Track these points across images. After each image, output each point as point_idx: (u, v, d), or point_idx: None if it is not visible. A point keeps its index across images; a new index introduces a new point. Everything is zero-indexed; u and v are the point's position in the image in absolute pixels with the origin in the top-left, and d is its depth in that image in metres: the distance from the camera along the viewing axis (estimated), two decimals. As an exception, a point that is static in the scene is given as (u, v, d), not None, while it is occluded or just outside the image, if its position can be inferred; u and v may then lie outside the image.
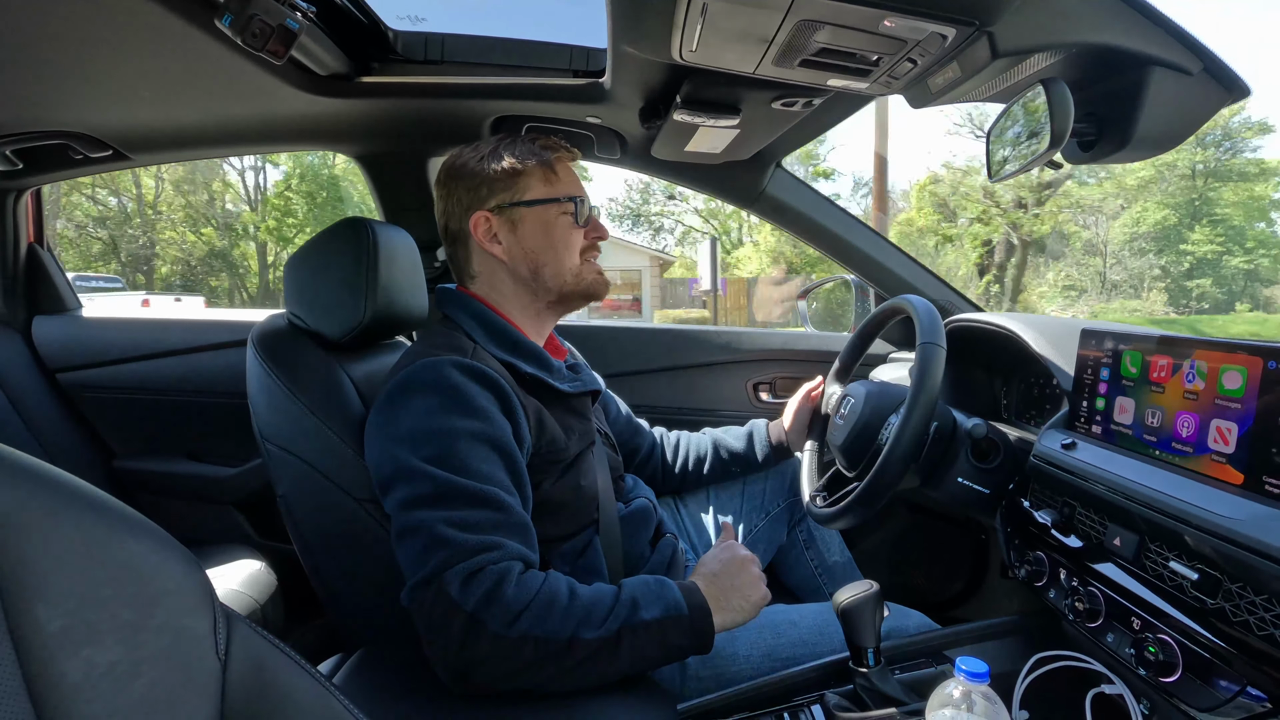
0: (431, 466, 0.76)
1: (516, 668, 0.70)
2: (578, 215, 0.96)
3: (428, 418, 0.79)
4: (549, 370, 0.94)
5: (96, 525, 0.37)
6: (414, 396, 0.81)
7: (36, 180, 1.65)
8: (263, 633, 0.44)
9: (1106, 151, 0.87)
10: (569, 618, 0.71)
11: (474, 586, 0.69)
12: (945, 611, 1.49)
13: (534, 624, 0.69)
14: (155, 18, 0.88)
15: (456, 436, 0.78)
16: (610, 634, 0.72)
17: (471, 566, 0.70)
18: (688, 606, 0.78)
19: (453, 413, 0.79)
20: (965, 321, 1.24)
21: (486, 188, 0.94)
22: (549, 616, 0.70)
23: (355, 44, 1.16)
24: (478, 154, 0.96)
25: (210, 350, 1.65)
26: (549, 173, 0.95)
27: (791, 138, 1.29)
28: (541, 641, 0.69)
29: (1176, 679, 0.66)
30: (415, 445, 0.78)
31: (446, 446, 0.77)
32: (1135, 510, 0.73)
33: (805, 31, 0.75)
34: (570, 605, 0.72)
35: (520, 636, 0.69)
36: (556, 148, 0.97)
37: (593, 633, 0.72)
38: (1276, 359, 0.62)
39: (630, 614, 0.74)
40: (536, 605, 0.70)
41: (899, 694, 0.77)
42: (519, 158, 0.94)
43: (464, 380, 0.81)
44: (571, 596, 0.73)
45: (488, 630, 0.68)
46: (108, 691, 0.34)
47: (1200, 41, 0.75)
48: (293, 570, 1.11)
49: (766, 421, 1.28)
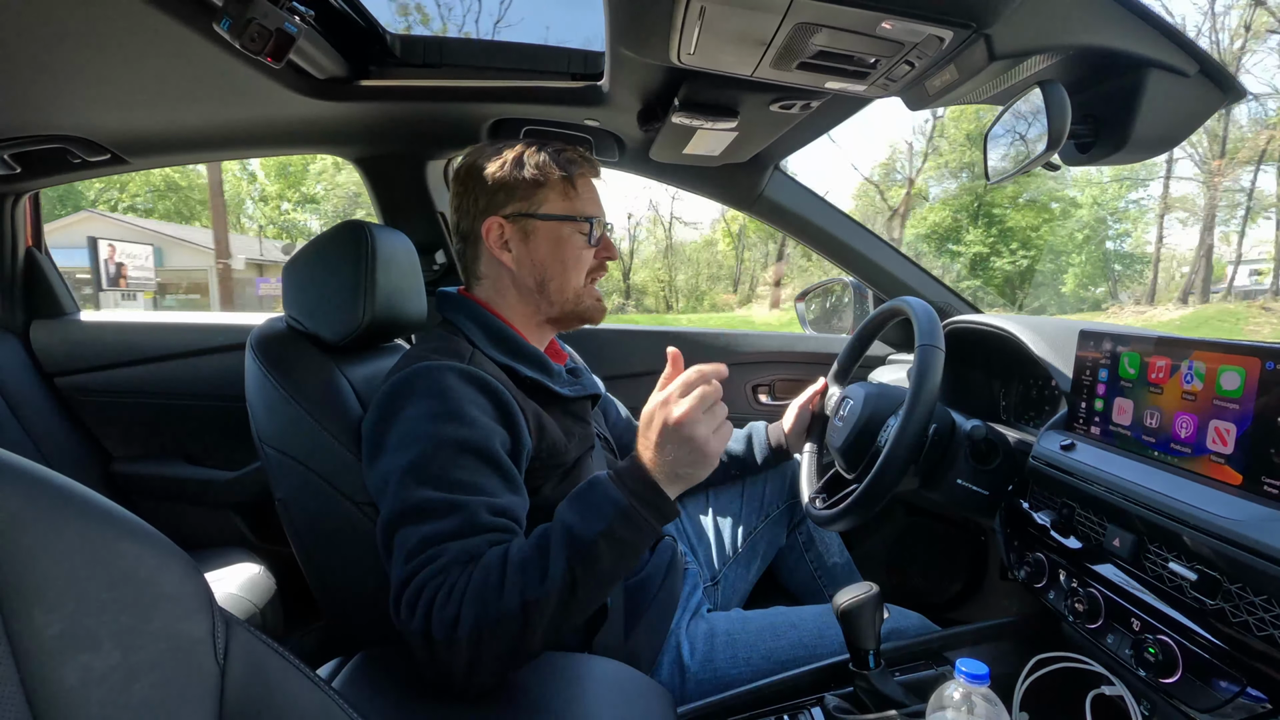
0: (407, 478, 0.74)
1: (495, 655, 0.66)
2: (590, 235, 0.96)
3: (415, 424, 0.78)
4: (549, 374, 0.94)
5: (94, 530, 0.37)
6: (405, 402, 0.81)
7: (34, 184, 1.65)
8: (261, 637, 0.44)
9: (1104, 153, 0.88)
10: (509, 588, 0.66)
11: (416, 607, 0.67)
12: (945, 613, 1.49)
13: (479, 615, 0.65)
14: (153, 21, 0.88)
15: (440, 444, 0.76)
16: (561, 575, 0.67)
17: (412, 589, 0.68)
18: (628, 497, 0.70)
19: (440, 419, 0.78)
20: (964, 323, 1.24)
21: (505, 194, 0.93)
22: (488, 599, 0.66)
23: (353, 47, 1.17)
24: (501, 158, 0.94)
25: (208, 354, 1.65)
26: (569, 187, 0.95)
27: (790, 140, 1.29)
28: (496, 624, 0.65)
29: (1176, 680, 0.66)
30: (399, 452, 0.77)
31: (426, 455, 0.75)
32: (1134, 511, 0.73)
33: (803, 34, 0.75)
34: (505, 575, 0.67)
35: (472, 633, 0.65)
36: (580, 162, 0.96)
37: (542, 587, 0.66)
38: (1274, 359, 0.62)
39: (571, 544, 0.68)
40: (471, 596, 0.66)
41: (899, 696, 0.77)
42: (541, 169, 0.93)
43: (458, 385, 0.81)
44: (504, 565, 0.68)
45: (438, 642, 0.65)
46: (105, 696, 0.34)
47: (1196, 44, 0.76)
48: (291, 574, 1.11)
49: (765, 424, 1.28)
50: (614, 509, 0.70)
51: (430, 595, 0.66)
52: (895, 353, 1.64)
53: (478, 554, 0.70)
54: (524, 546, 0.70)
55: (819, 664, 0.88)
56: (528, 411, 0.86)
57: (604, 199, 1.02)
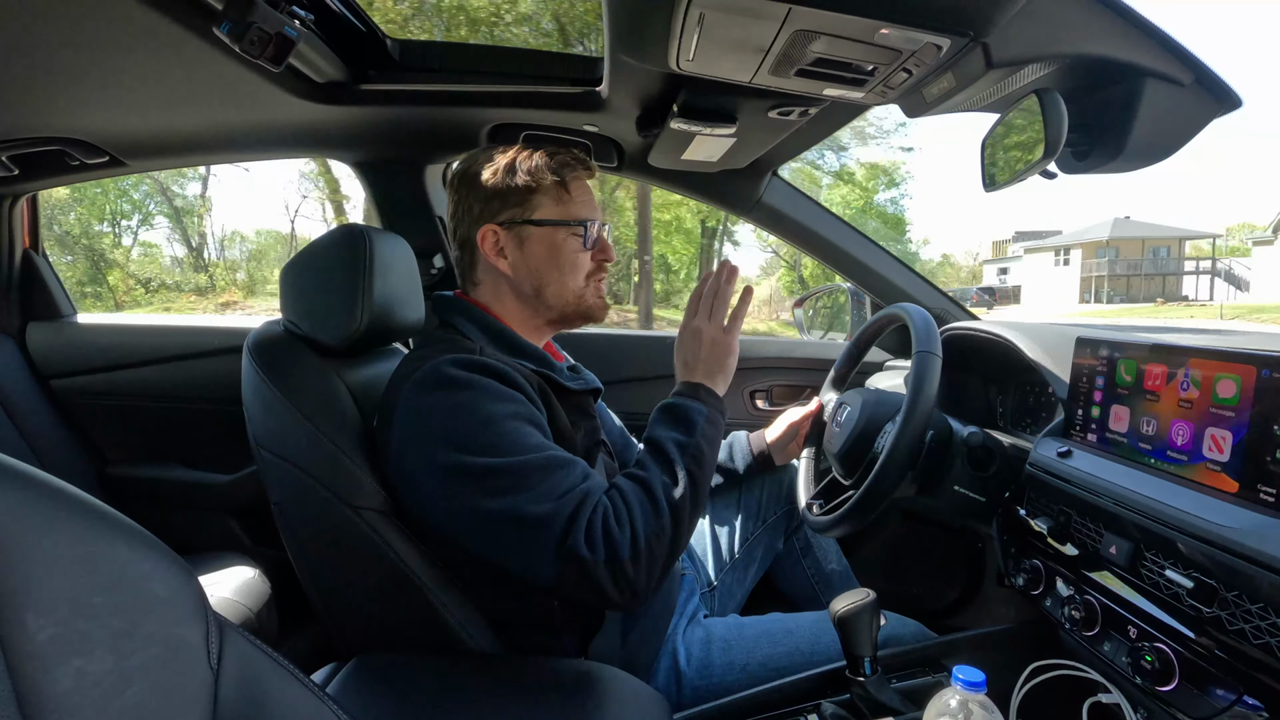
0: (489, 458, 0.76)
1: (664, 562, 0.78)
2: (586, 238, 0.96)
3: (462, 414, 0.79)
4: (552, 369, 0.94)
5: (89, 533, 0.37)
6: (438, 398, 0.80)
7: (32, 186, 1.64)
8: (256, 642, 0.44)
9: (1100, 161, 0.88)
10: (659, 501, 0.79)
11: (594, 539, 0.74)
12: (942, 620, 1.49)
13: (648, 530, 0.76)
14: (153, 24, 0.88)
15: (500, 420, 0.79)
16: (685, 478, 0.82)
17: (583, 526, 0.74)
18: (700, 403, 0.89)
19: (484, 402, 0.80)
20: (961, 330, 1.24)
21: (498, 201, 0.93)
22: (648, 515, 0.78)
23: (353, 52, 1.17)
24: (494, 164, 0.94)
25: (205, 357, 1.65)
26: (562, 192, 0.95)
27: (788, 146, 1.29)
28: (660, 534, 0.77)
29: (1173, 688, 0.66)
30: (461, 444, 0.77)
31: (495, 433, 0.78)
32: (1130, 518, 0.73)
33: (801, 41, 0.75)
34: (650, 491, 0.79)
35: (647, 546, 0.76)
36: (573, 164, 0.96)
37: (678, 492, 0.80)
38: (1270, 367, 0.63)
39: (684, 452, 0.84)
40: (637, 516, 0.77)
41: (896, 703, 0.76)
42: (533, 175, 0.93)
43: (478, 376, 0.82)
44: (645, 483, 0.80)
45: (625, 561, 0.74)
46: (98, 701, 0.34)
47: (1192, 53, 0.76)
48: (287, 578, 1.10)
49: (746, 433, 1.28)
50: (699, 415, 0.87)
51: (601, 527, 0.75)
52: (893, 359, 1.64)
53: (608, 486, 0.81)
54: (645, 465, 0.83)
55: (816, 671, 0.88)
56: (538, 401, 0.87)
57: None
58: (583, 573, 0.73)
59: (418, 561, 0.85)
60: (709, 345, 0.92)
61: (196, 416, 1.65)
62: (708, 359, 0.92)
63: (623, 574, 0.74)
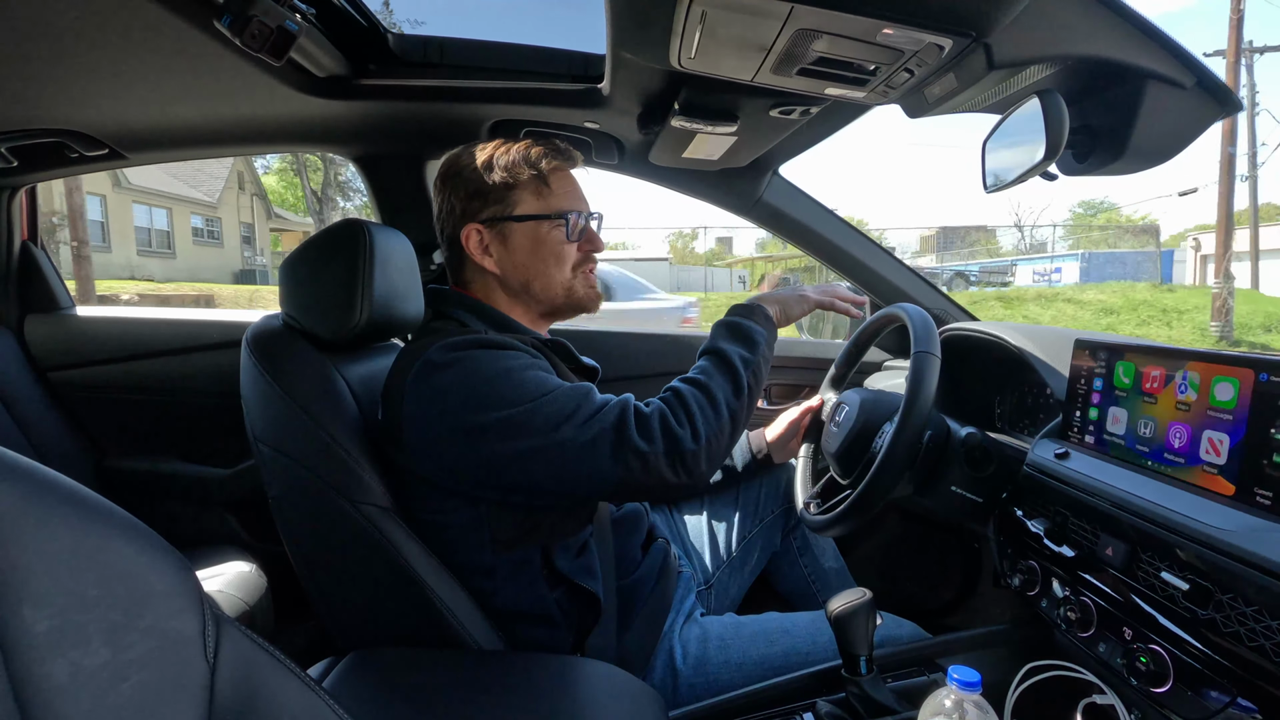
0: (517, 408, 0.78)
1: (720, 452, 0.85)
2: (569, 230, 0.95)
3: (476, 379, 0.80)
4: (554, 348, 0.95)
5: (85, 526, 0.37)
6: (449, 375, 0.81)
7: (31, 178, 1.64)
8: (252, 636, 0.44)
9: (1101, 163, 0.88)
10: (719, 402, 0.85)
11: (652, 432, 0.79)
12: (938, 620, 1.49)
13: (707, 426, 0.82)
14: (154, 17, 0.88)
15: (514, 372, 0.81)
16: (746, 386, 0.88)
17: (637, 422, 0.79)
18: (765, 332, 0.96)
19: (494, 361, 0.82)
20: (960, 330, 1.24)
21: (480, 200, 0.93)
22: (708, 414, 0.83)
23: (354, 46, 1.16)
24: (473, 161, 0.94)
25: (203, 350, 1.64)
26: (541, 185, 0.94)
27: (789, 145, 1.29)
28: (719, 430, 0.84)
29: (1167, 689, 0.66)
30: (486, 404, 0.79)
31: (514, 383, 0.80)
32: (1127, 520, 0.73)
33: (803, 40, 0.75)
34: (710, 392, 0.85)
35: (708, 441, 0.82)
36: (551, 155, 0.95)
37: (740, 399, 0.87)
38: (1268, 371, 0.63)
39: (746, 365, 0.90)
40: (696, 413, 0.82)
41: (891, 702, 0.77)
42: (510, 170, 0.93)
43: (478, 350, 0.83)
44: (706, 387, 0.86)
45: (688, 451, 0.80)
46: (95, 693, 0.34)
47: (1194, 56, 0.76)
48: (284, 572, 1.10)
49: (746, 431, 1.28)
50: (761, 337, 0.94)
51: (659, 423, 0.80)
52: (891, 359, 1.64)
53: (665, 389, 0.87)
54: (709, 373, 0.88)
55: (811, 669, 0.88)
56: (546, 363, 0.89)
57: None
58: (645, 466, 0.78)
59: (415, 556, 0.85)
60: (797, 300, 1.04)
61: (194, 410, 1.65)
62: (787, 303, 1.02)
63: (683, 464, 0.80)
